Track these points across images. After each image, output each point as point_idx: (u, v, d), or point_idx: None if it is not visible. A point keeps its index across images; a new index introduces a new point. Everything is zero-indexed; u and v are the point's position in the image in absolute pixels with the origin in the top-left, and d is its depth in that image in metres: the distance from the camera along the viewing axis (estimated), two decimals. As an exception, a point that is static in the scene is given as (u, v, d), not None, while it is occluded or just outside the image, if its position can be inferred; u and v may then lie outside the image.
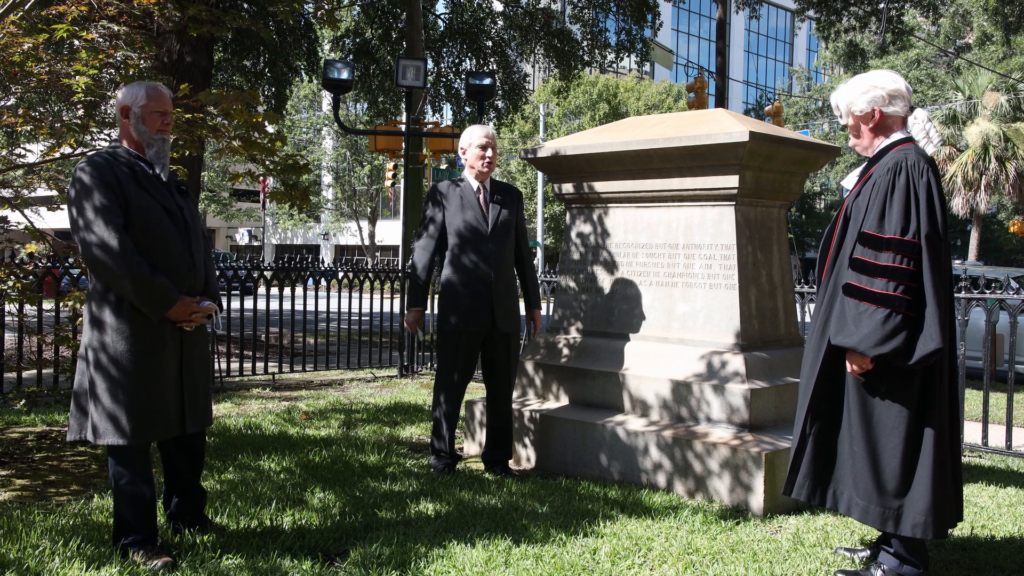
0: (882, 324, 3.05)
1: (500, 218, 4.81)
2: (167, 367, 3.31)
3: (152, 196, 3.31)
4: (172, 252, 3.33)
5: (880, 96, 3.29)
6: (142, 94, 3.39)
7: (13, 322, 6.80)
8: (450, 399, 4.81)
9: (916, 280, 3.07)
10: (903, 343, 3.05)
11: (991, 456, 5.75)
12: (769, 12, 56.89)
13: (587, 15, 17.99)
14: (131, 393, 3.19)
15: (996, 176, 25.97)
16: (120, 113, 3.39)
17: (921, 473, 3.10)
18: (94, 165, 3.24)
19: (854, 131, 3.40)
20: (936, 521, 3.08)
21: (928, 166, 3.17)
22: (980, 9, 26.08)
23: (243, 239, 52.06)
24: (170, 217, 3.35)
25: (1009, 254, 40.45)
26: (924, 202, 3.10)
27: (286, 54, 15.25)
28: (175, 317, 3.29)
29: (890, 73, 3.39)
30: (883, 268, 3.08)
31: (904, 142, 3.28)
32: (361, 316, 9.84)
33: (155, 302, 3.22)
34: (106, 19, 5.32)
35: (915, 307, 3.06)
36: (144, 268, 3.18)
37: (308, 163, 5.93)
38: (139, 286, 3.16)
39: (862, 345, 3.08)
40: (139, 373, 3.21)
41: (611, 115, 36.77)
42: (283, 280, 8.59)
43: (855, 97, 3.34)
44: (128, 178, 3.27)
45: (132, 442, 3.19)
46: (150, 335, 3.25)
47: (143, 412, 3.21)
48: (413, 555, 3.36)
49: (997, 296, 5.85)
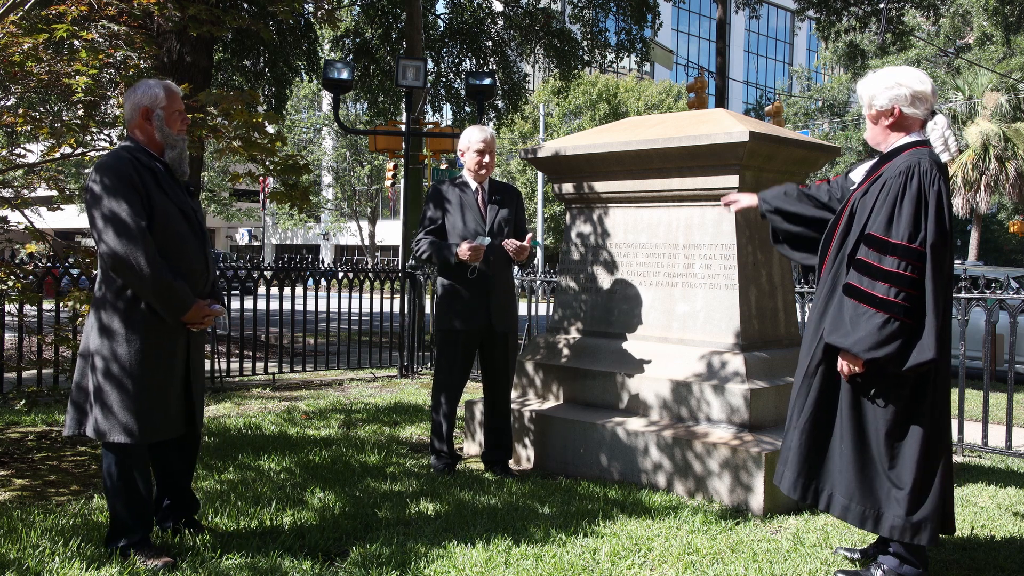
0: (879, 329, 3.04)
1: (498, 218, 4.82)
2: (176, 368, 3.32)
3: (170, 198, 3.30)
4: (189, 255, 3.33)
5: (903, 95, 3.24)
6: (162, 94, 3.34)
7: (13, 322, 6.80)
8: (449, 399, 4.82)
9: (917, 288, 3.05)
10: (897, 349, 3.04)
11: (991, 456, 5.75)
12: (769, 12, 56.90)
13: (587, 15, 17.99)
14: (140, 394, 3.18)
15: (996, 176, 25.97)
16: (140, 115, 3.33)
17: (905, 476, 3.09)
18: (118, 164, 3.20)
19: (872, 121, 3.35)
20: (915, 524, 3.07)
21: (940, 174, 3.13)
22: (980, 9, 26.08)
23: (243, 239, 52.05)
24: (186, 220, 3.35)
25: (1009, 254, 40.44)
26: (934, 211, 3.07)
27: (286, 54, 15.25)
28: (189, 319, 3.30)
29: (919, 73, 3.32)
30: (886, 272, 3.06)
31: (919, 144, 3.24)
32: (361, 316, 9.84)
33: (174, 305, 3.22)
34: (106, 19, 5.32)
35: (913, 315, 3.05)
36: (165, 271, 3.17)
37: (308, 163, 5.93)
38: (160, 289, 3.16)
39: (856, 347, 3.07)
40: (149, 375, 3.21)
41: (611, 115, 36.76)
42: (283, 280, 8.59)
43: (879, 91, 3.28)
44: (150, 179, 3.25)
45: (139, 440, 3.19)
46: (161, 337, 3.25)
47: (151, 412, 3.22)
48: (413, 555, 3.36)
49: (997, 296, 5.85)
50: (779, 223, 3.72)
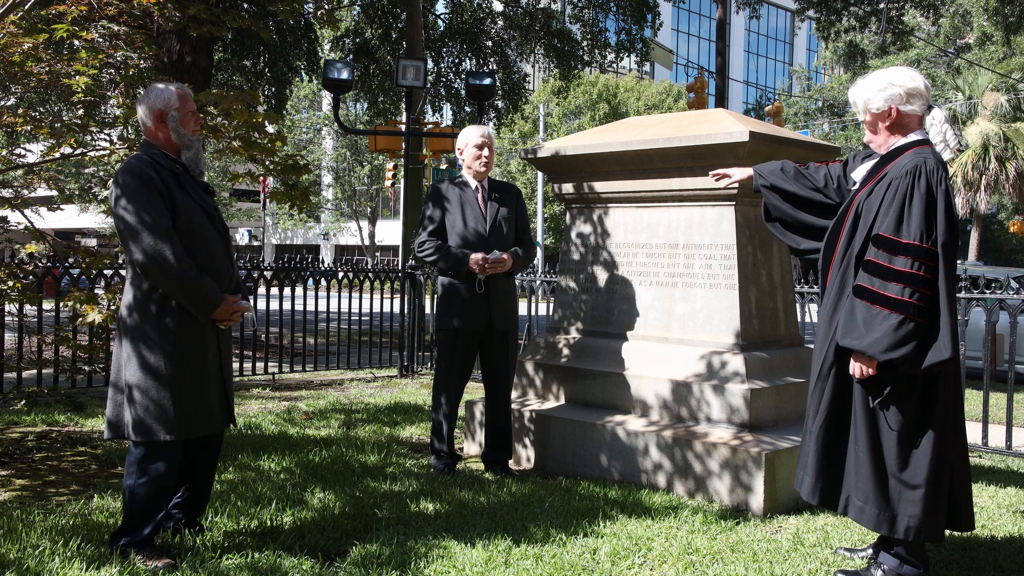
0: (894, 330, 3.02)
1: (498, 217, 4.83)
2: (211, 364, 3.38)
3: (192, 198, 3.35)
4: (213, 253, 3.37)
5: (898, 94, 3.23)
6: (174, 97, 3.39)
7: (13, 322, 6.80)
8: (449, 399, 4.82)
9: (930, 288, 3.04)
10: (913, 350, 3.02)
11: (991, 456, 5.75)
12: (769, 12, 56.89)
13: (587, 15, 17.99)
14: (179, 391, 3.23)
15: (996, 176, 25.97)
16: (155, 118, 3.36)
17: (918, 476, 3.09)
18: (141, 167, 3.24)
19: (871, 127, 3.34)
20: (931, 525, 3.07)
21: (945, 173, 3.13)
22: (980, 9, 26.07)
23: (243, 239, 52.03)
24: (209, 219, 3.40)
25: (1009, 254, 40.44)
26: (943, 210, 3.07)
27: (286, 54, 15.26)
28: (219, 316, 3.34)
29: (909, 70, 3.32)
30: (897, 273, 3.05)
31: (920, 143, 3.23)
32: (361, 316, 9.84)
33: (204, 303, 3.27)
34: (106, 19, 5.32)
35: (926, 314, 3.04)
36: (193, 270, 3.22)
37: (308, 163, 5.93)
38: (189, 287, 3.21)
39: (872, 349, 3.04)
40: (186, 372, 3.26)
41: (611, 115, 36.76)
42: (283, 280, 8.59)
43: (872, 94, 3.28)
44: (171, 181, 3.30)
45: (178, 436, 3.23)
46: (194, 334, 3.30)
47: (190, 409, 3.26)
48: (413, 555, 3.36)
49: (997, 296, 5.85)
50: (774, 200, 3.71)
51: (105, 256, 5.83)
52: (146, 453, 3.25)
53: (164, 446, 3.24)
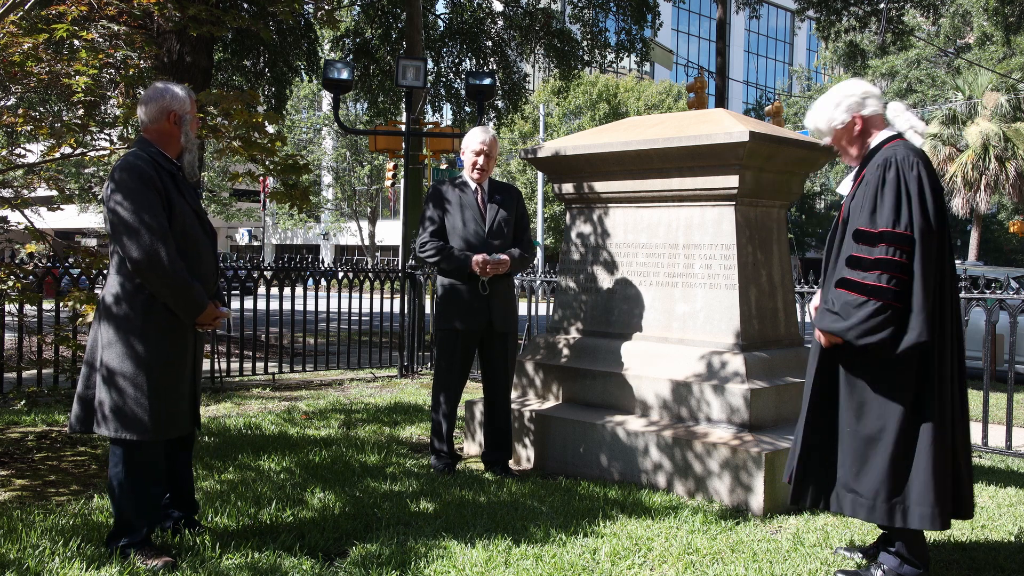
0: (871, 316, 3.08)
1: (498, 218, 4.83)
2: (187, 367, 3.37)
3: (187, 200, 3.35)
4: (202, 256, 3.38)
5: (855, 102, 3.32)
6: (186, 99, 3.40)
7: (13, 322, 6.80)
8: (449, 399, 4.82)
9: (907, 272, 3.09)
10: (889, 335, 3.07)
11: (991, 456, 5.75)
12: (769, 12, 56.88)
13: (587, 15, 17.99)
14: (155, 391, 3.22)
15: (996, 176, 25.94)
16: (168, 119, 3.35)
17: (919, 464, 3.10)
18: (140, 166, 3.23)
19: (841, 144, 3.41)
20: (941, 512, 3.09)
21: (918, 159, 3.18)
22: (980, 9, 26.07)
23: (243, 239, 52.06)
24: (200, 222, 3.40)
25: (1009, 254, 40.44)
26: (916, 195, 3.11)
27: (286, 54, 15.25)
28: (202, 320, 3.34)
29: (853, 80, 3.45)
30: (875, 261, 3.11)
31: (892, 139, 3.30)
32: (361, 316, 9.84)
33: (191, 306, 3.27)
34: (106, 19, 5.33)
35: (903, 299, 3.09)
36: (184, 272, 3.21)
37: (308, 163, 5.93)
38: (179, 290, 3.20)
39: (849, 334, 3.12)
40: (165, 373, 3.25)
41: (611, 115, 36.76)
42: (283, 280, 8.59)
43: (831, 112, 3.35)
44: (169, 182, 3.29)
45: (152, 437, 3.22)
46: (176, 336, 3.30)
47: (165, 409, 3.25)
48: (413, 555, 3.36)
49: (997, 296, 5.85)
50: None
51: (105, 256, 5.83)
52: (117, 450, 3.25)
53: (135, 445, 3.23)
